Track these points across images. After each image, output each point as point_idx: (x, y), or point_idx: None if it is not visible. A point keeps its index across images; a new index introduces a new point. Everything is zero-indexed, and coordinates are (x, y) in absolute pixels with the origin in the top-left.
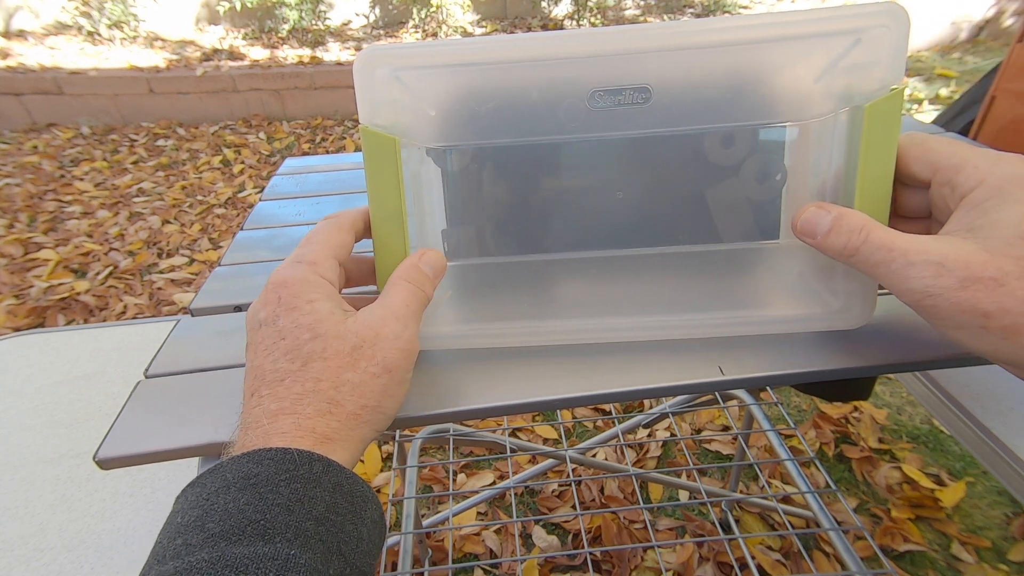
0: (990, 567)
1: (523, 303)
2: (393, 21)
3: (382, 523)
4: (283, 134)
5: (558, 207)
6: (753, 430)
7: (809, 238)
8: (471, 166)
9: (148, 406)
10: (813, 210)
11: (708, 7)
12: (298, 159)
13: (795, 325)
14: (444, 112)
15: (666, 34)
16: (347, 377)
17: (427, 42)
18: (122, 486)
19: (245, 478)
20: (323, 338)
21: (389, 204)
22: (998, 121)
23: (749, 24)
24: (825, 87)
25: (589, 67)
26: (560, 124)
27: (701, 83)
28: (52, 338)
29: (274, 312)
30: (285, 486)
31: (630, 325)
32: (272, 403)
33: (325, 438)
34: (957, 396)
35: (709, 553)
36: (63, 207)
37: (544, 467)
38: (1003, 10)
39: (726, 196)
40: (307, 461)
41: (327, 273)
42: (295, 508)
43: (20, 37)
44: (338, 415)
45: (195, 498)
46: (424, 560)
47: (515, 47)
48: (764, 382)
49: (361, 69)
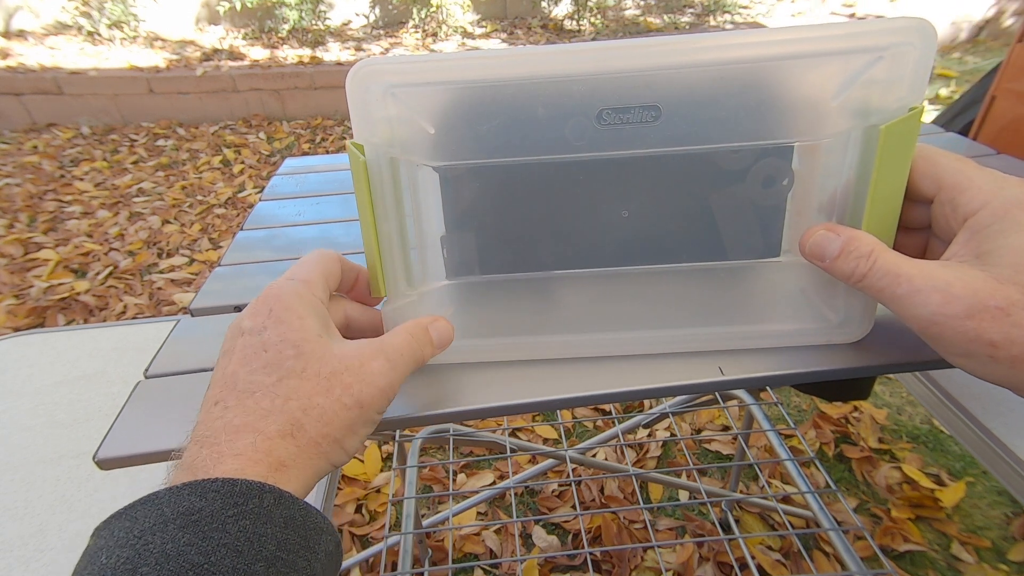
0: (990, 567)
1: (525, 318)
2: (393, 21)
3: (337, 553)
4: (283, 134)
5: (561, 224)
6: (753, 430)
7: (818, 261)
8: (472, 182)
9: (148, 406)
10: (822, 233)
11: (708, 7)
12: (298, 159)
13: (795, 339)
14: (444, 130)
15: (679, 51)
16: (317, 401)
17: (425, 56)
18: (122, 487)
19: (186, 514)
20: (305, 357)
21: (386, 226)
22: (998, 121)
23: (769, 40)
24: (842, 105)
25: (597, 85)
26: (566, 142)
27: (713, 101)
28: (52, 338)
29: (262, 323)
30: (233, 523)
31: (633, 339)
32: (237, 417)
33: (280, 464)
34: (957, 396)
35: (709, 553)
36: (63, 207)
37: (544, 467)
38: (1003, 10)
39: (730, 203)
40: (257, 494)
41: (320, 293)
42: (244, 549)
43: (20, 37)
44: (299, 440)
45: (124, 535)
46: (424, 560)
47: (522, 64)
48: (764, 382)
49: (355, 85)
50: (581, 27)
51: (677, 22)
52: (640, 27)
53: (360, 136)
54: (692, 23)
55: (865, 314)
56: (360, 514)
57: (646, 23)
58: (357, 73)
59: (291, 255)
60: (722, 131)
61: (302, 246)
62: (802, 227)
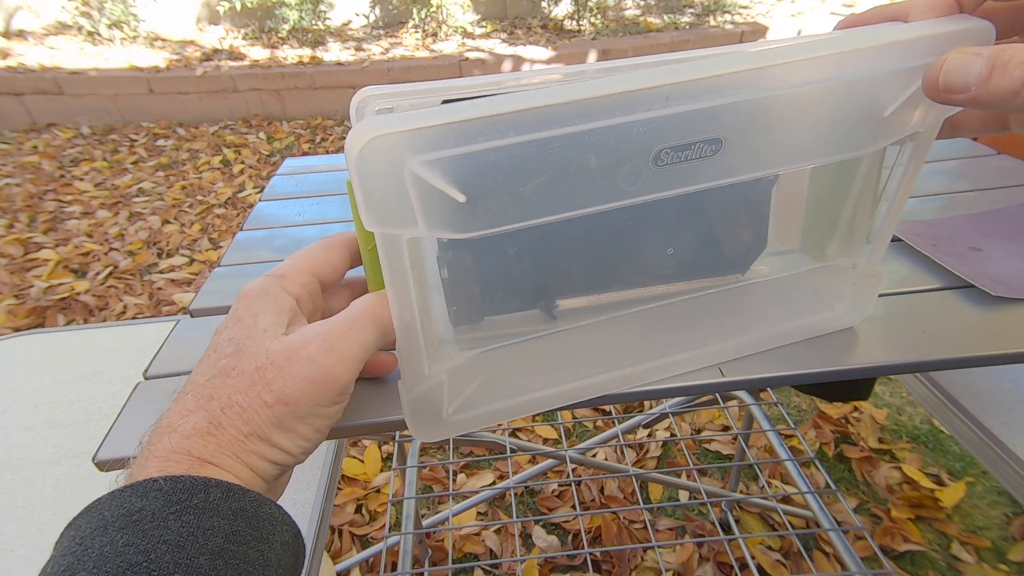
0: (990, 567)
1: (540, 370)
2: (393, 21)
3: (296, 544)
4: (283, 134)
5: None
6: (753, 430)
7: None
8: (491, 243)
9: (148, 407)
10: (955, 56)
11: (708, 7)
12: (298, 159)
13: (799, 335)
14: (477, 196)
15: (747, 81)
16: (236, 399)
17: (451, 112)
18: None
19: (126, 515)
20: (240, 354)
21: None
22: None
23: (843, 51)
24: (893, 119)
25: (660, 124)
26: (618, 189)
27: (777, 128)
28: (52, 338)
29: (225, 324)
30: (175, 519)
31: (651, 369)
32: (166, 419)
33: (203, 460)
34: (957, 396)
35: (709, 553)
36: (63, 207)
37: (544, 467)
38: None
39: (719, 202)
40: (203, 488)
41: (293, 288)
42: (186, 544)
43: (20, 37)
44: (218, 437)
45: (68, 543)
46: (424, 560)
47: (576, 113)
48: (764, 383)
49: (364, 166)
50: (581, 27)
51: (677, 22)
52: (640, 27)
53: (371, 223)
54: (692, 23)
55: (864, 301)
56: (360, 514)
57: (646, 23)
58: (364, 143)
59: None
60: (781, 156)
61: (302, 246)
62: (789, 217)
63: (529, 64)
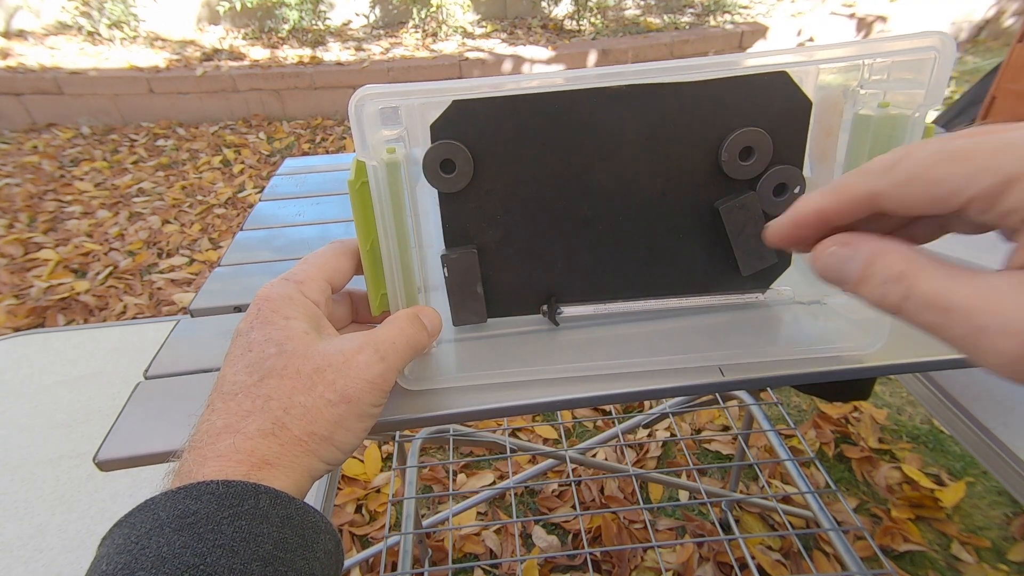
0: (990, 567)
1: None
2: (393, 21)
3: (338, 552)
4: (283, 134)
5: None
6: (753, 430)
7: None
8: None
9: (148, 407)
10: (834, 249)
11: (708, 7)
12: (298, 159)
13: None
14: None
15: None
16: (299, 399)
17: None
18: (122, 487)
19: (181, 517)
20: (287, 355)
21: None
22: (998, 121)
23: None
24: None
25: None
26: None
27: None
28: (52, 338)
29: (250, 324)
30: (228, 524)
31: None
32: (220, 419)
33: (264, 462)
34: (957, 396)
35: (709, 553)
36: (63, 207)
37: (544, 467)
38: (1003, 10)
39: (741, 216)
40: (252, 494)
41: (312, 293)
42: (239, 549)
43: (20, 37)
44: (281, 438)
45: (123, 541)
46: (424, 560)
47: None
48: (764, 383)
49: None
50: (581, 27)
51: (677, 22)
52: (640, 27)
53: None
54: (692, 23)
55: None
56: (360, 514)
57: (646, 23)
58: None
59: (291, 255)
60: None
61: (302, 246)
62: None
63: (529, 64)
